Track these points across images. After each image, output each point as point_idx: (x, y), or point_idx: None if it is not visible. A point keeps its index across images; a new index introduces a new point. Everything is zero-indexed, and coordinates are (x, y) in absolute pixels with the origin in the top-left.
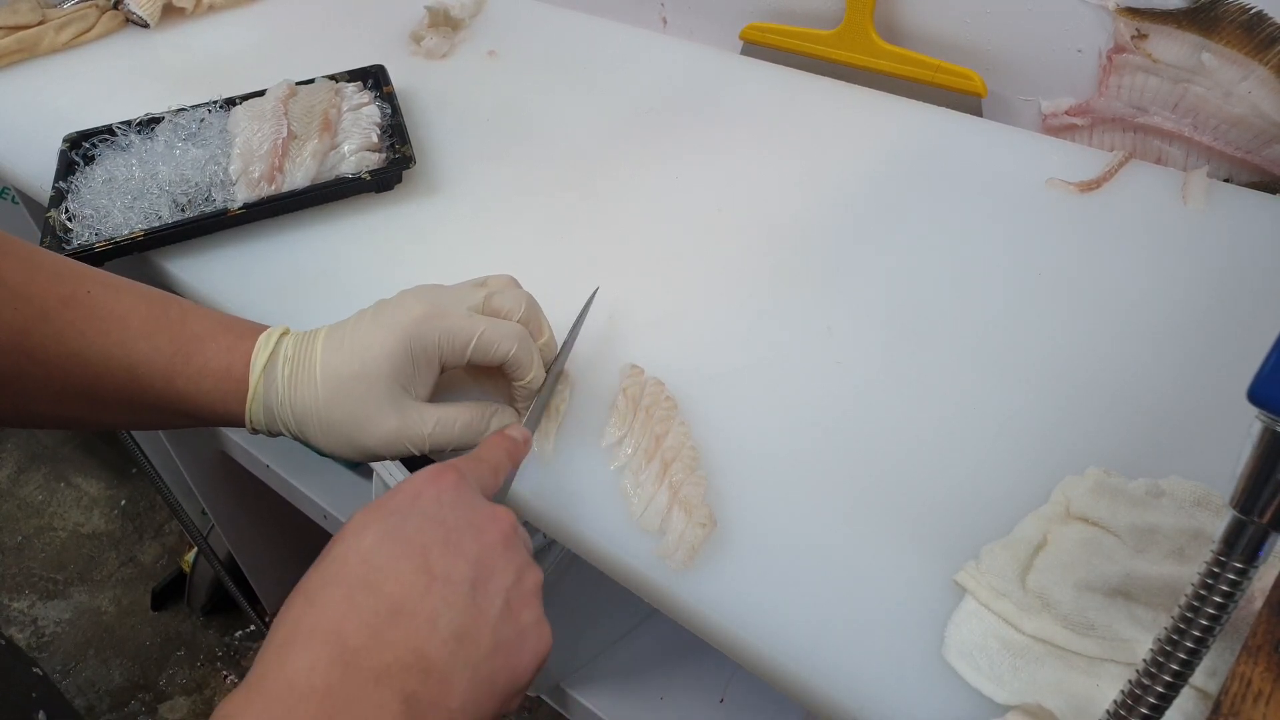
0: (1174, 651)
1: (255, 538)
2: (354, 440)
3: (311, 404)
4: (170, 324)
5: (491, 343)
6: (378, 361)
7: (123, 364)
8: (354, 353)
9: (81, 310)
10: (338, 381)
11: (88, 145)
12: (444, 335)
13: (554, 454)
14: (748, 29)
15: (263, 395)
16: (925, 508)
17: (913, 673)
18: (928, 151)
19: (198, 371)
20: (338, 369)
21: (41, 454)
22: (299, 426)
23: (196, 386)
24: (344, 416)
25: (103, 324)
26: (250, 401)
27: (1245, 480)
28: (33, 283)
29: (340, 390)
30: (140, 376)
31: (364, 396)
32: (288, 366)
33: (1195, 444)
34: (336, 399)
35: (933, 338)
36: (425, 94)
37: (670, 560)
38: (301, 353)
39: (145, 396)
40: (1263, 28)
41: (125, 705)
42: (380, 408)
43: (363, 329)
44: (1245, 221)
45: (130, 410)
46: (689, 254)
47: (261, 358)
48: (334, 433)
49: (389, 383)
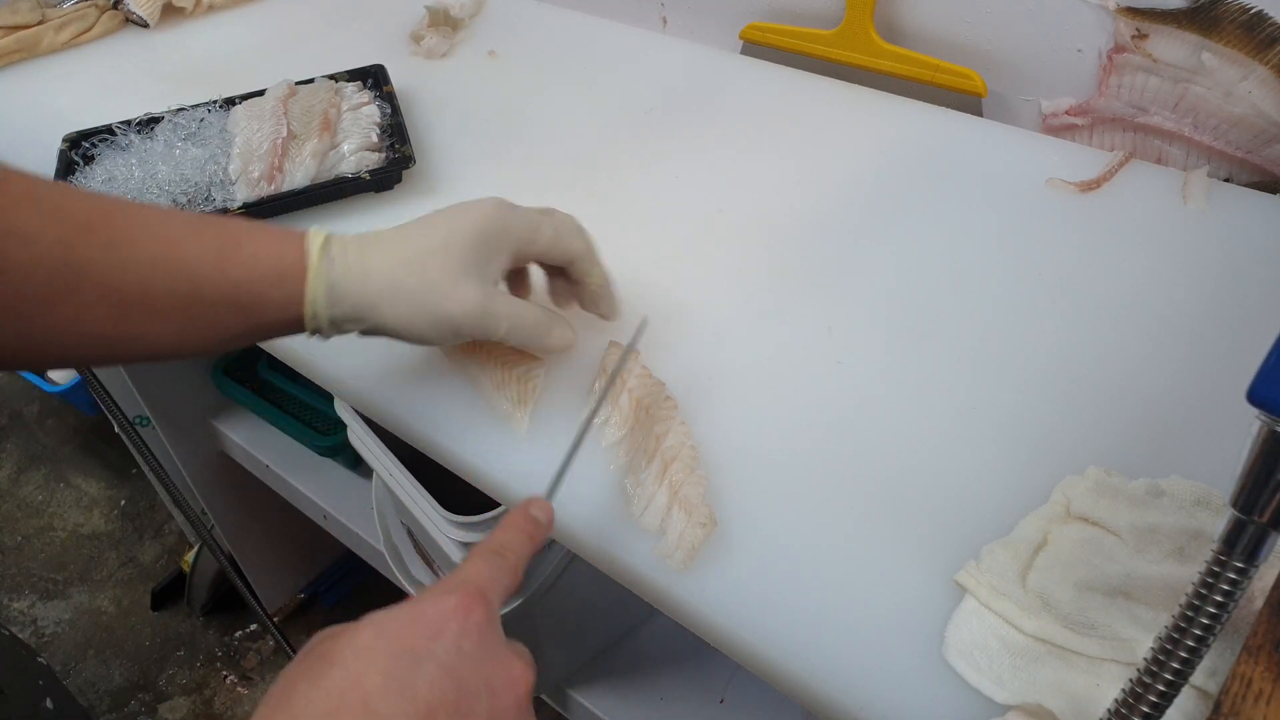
0: (1174, 651)
1: (255, 538)
2: (435, 308)
3: (387, 272)
4: (212, 224)
5: (562, 235)
6: (458, 235)
7: (174, 263)
8: (433, 229)
9: (124, 220)
10: (417, 251)
11: (87, 145)
12: (522, 223)
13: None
14: (748, 29)
15: (325, 273)
16: (925, 507)
17: (913, 673)
18: (928, 151)
19: (250, 256)
20: (421, 242)
21: (41, 454)
22: (369, 301)
23: (250, 272)
24: (423, 285)
25: (148, 229)
26: (311, 281)
27: (1245, 480)
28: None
29: (420, 259)
30: (193, 272)
31: (445, 266)
32: (352, 247)
33: (1195, 444)
34: (415, 267)
35: (933, 337)
36: (425, 94)
37: (670, 560)
38: (368, 238)
39: (200, 294)
40: (1263, 27)
41: (125, 705)
42: (465, 276)
43: (440, 213)
44: (1246, 221)
45: (186, 318)
46: (689, 253)
47: (317, 241)
48: (412, 301)
49: (472, 255)
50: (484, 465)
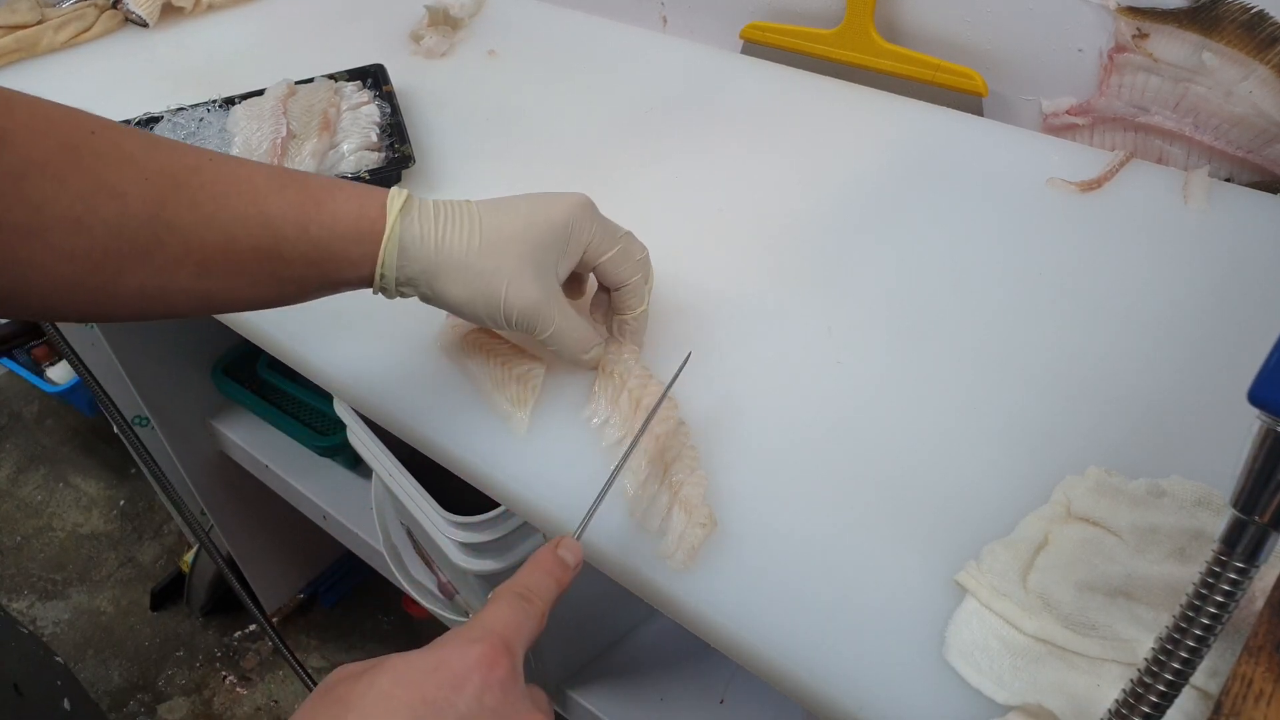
0: (1175, 651)
1: (255, 538)
2: (496, 294)
3: (464, 248)
4: (295, 180)
5: (631, 255)
6: (540, 228)
7: (257, 220)
8: (518, 214)
9: (209, 175)
10: (497, 234)
11: None
12: (600, 227)
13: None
14: (748, 28)
15: (400, 237)
16: (926, 507)
17: (913, 673)
18: (928, 151)
19: (331, 216)
20: (499, 224)
21: (41, 454)
22: (436, 272)
23: (330, 232)
24: (494, 268)
25: (233, 185)
26: (386, 242)
27: (1246, 480)
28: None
29: (498, 244)
30: (276, 230)
31: (520, 255)
32: (435, 214)
33: (1196, 443)
34: (491, 250)
35: (933, 337)
36: (425, 93)
37: (670, 560)
38: (454, 207)
39: (280, 251)
40: (1264, 27)
41: (124, 706)
42: (533, 271)
43: (526, 200)
44: (1246, 221)
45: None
46: (689, 253)
47: (396, 204)
48: (478, 282)
49: (544, 251)
50: (483, 465)
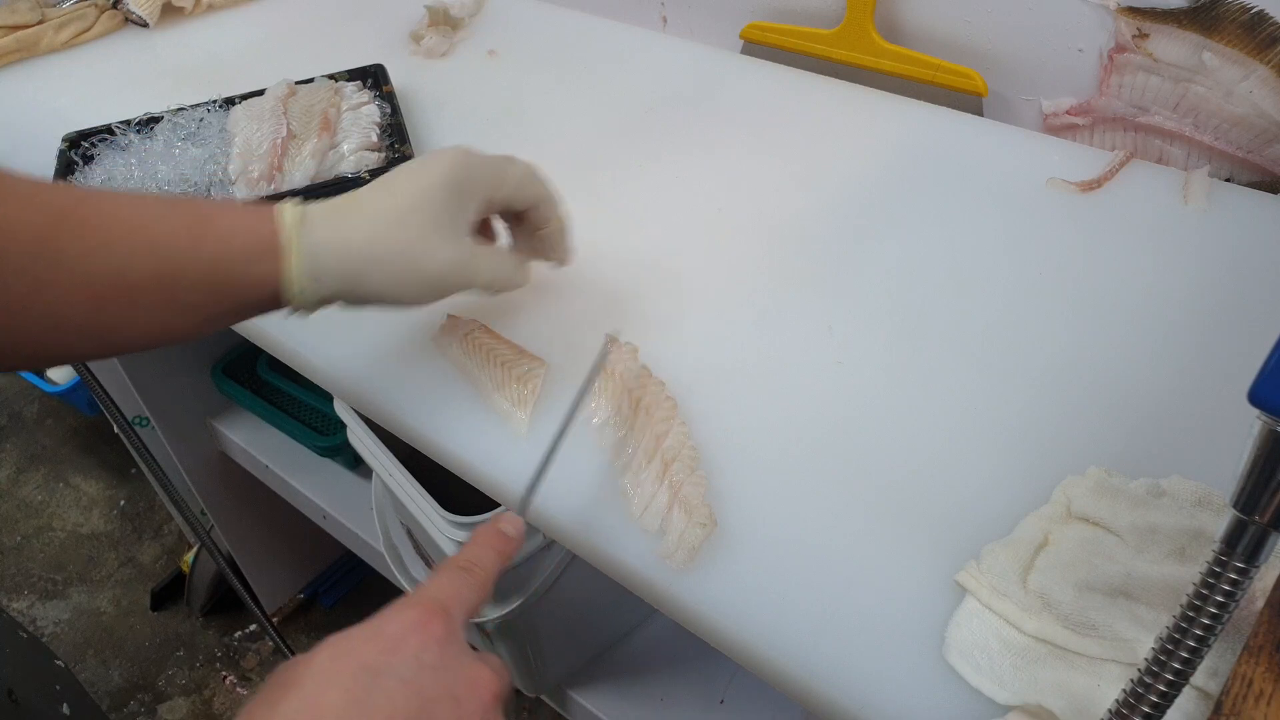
0: (1175, 651)
1: (255, 538)
2: (421, 269)
3: (366, 239)
4: (185, 204)
5: (527, 181)
6: (431, 192)
7: (146, 246)
8: (404, 189)
9: (96, 206)
10: (393, 214)
11: (87, 145)
12: (488, 170)
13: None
14: (748, 28)
15: (301, 247)
16: (926, 507)
17: (913, 673)
18: (928, 151)
19: (224, 233)
20: (391, 205)
21: (41, 454)
22: (353, 270)
23: (225, 249)
24: (403, 247)
25: (120, 214)
26: (290, 256)
27: (1246, 480)
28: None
29: (396, 223)
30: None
31: (422, 225)
32: (327, 217)
33: (1196, 443)
34: (393, 231)
35: (933, 337)
36: (425, 93)
37: (670, 560)
38: (341, 205)
39: (176, 277)
40: (1264, 27)
41: (124, 706)
42: (441, 234)
43: (407, 170)
44: (1246, 221)
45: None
46: (689, 253)
47: (291, 213)
48: (397, 263)
49: (445, 211)
50: (484, 465)
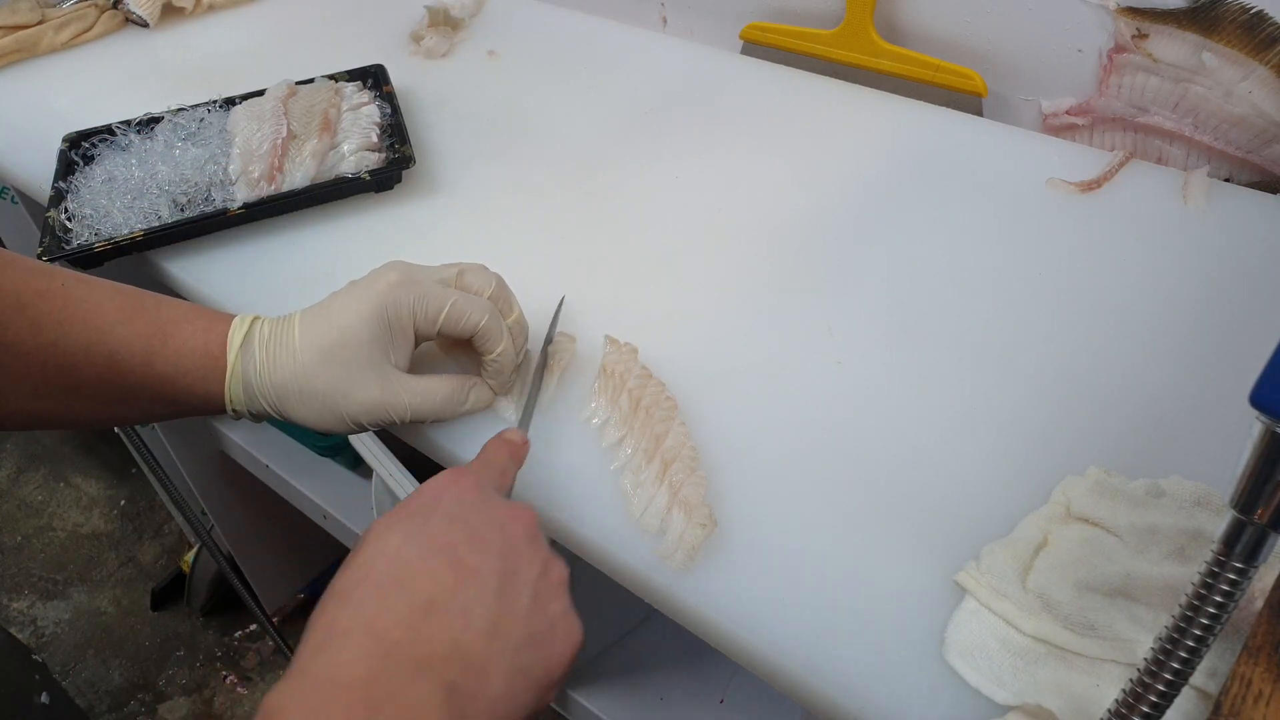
0: (1174, 651)
1: (255, 538)
2: (336, 409)
3: (292, 376)
4: (145, 310)
5: (463, 312)
6: (356, 329)
7: (101, 350)
8: (332, 324)
9: (57, 301)
10: (318, 352)
11: (87, 145)
12: (418, 301)
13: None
14: (748, 28)
15: (241, 373)
16: (925, 508)
17: (913, 673)
18: (928, 151)
19: (176, 352)
20: (317, 341)
21: (41, 454)
22: (279, 401)
23: (175, 367)
24: (326, 386)
25: (79, 313)
26: (229, 380)
27: (1245, 481)
28: (4, 278)
29: (321, 361)
30: (119, 361)
31: (346, 363)
32: (266, 344)
33: (1195, 444)
34: (318, 370)
35: (933, 337)
36: (425, 94)
37: (670, 560)
38: (279, 331)
39: (125, 382)
40: (1263, 27)
41: (125, 706)
42: (363, 374)
43: (338, 302)
44: (1246, 221)
45: (109, 401)
46: (688, 253)
47: (238, 336)
48: (316, 403)
49: (369, 350)
50: None
